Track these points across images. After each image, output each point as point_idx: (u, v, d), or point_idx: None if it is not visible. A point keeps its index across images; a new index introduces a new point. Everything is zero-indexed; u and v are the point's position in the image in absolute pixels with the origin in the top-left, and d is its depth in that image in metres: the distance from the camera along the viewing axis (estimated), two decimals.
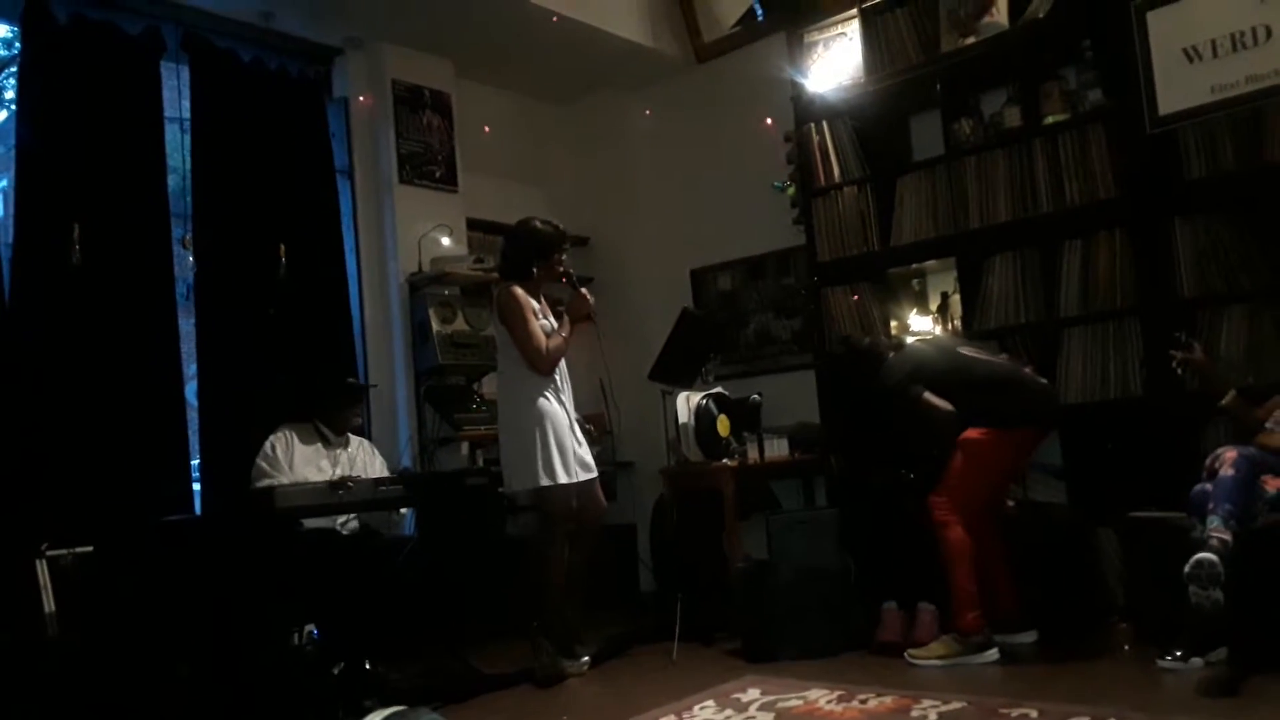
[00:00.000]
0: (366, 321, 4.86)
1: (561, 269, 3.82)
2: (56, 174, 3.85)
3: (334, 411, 3.93)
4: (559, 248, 3.81)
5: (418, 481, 3.92)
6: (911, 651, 3.45)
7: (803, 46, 4.72)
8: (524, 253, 3.78)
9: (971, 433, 3.47)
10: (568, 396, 3.77)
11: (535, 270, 3.75)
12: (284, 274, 4.34)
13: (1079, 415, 3.87)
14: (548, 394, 3.67)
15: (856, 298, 4.46)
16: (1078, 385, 3.89)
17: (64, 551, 3.29)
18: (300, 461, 3.78)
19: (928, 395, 3.52)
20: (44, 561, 3.23)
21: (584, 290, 3.76)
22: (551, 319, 3.80)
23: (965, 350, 3.67)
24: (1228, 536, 2.80)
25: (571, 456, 3.66)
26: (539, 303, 3.79)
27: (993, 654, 3.34)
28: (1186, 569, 2.74)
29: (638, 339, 5.03)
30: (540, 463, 3.57)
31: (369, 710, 1.87)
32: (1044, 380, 3.63)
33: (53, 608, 3.20)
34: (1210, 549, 2.76)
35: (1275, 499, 2.96)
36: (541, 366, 3.64)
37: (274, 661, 3.27)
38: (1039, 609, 3.58)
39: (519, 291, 3.67)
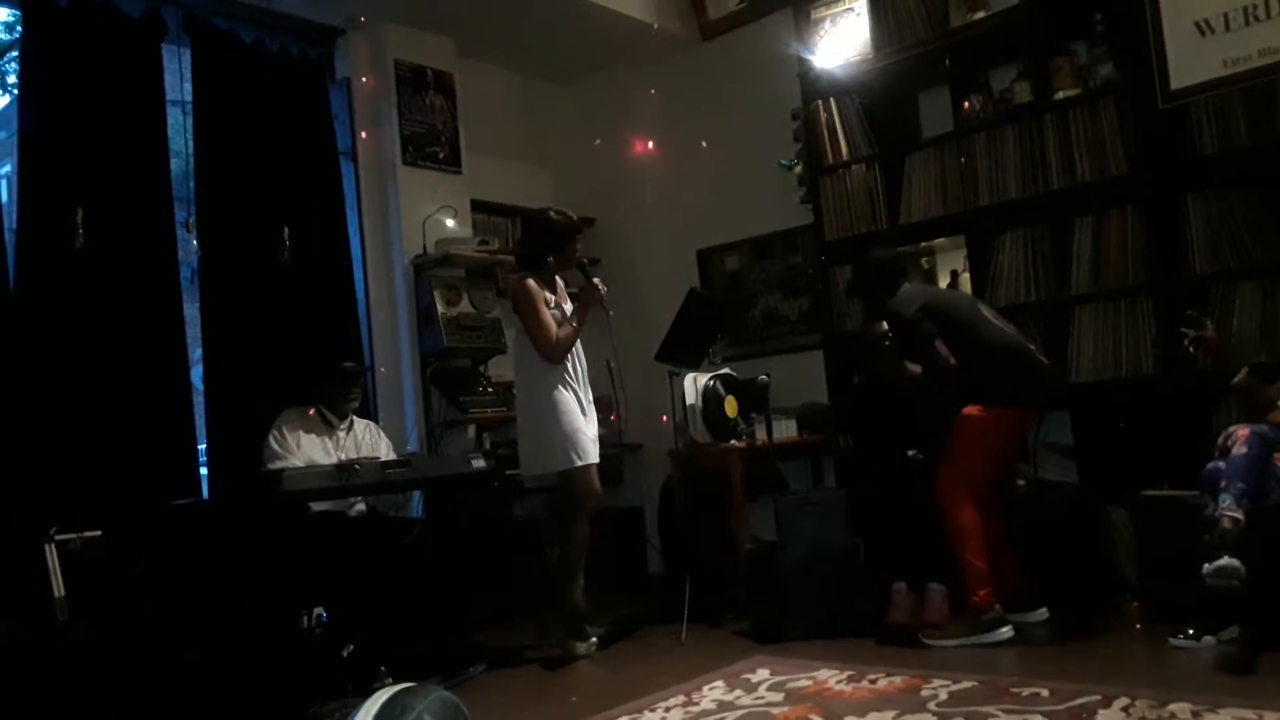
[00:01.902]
0: (371, 304, 4.85)
1: (576, 259, 3.83)
2: (59, 158, 3.83)
3: (333, 396, 3.93)
4: (573, 238, 3.81)
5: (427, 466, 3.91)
6: (926, 632, 3.44)
7: (810, 23, 4.68)
8: (538, 243, 3.83)
9: (971, 410, 3.43)
10: (582, 383, 3.79)
11: (549, 260, 3.78)
12: (288, 257, 4.31)
13: (1090, 394, 3.85)
14: (563, 381, 3.71)
15: None
16: (1089, 363, 3.86)
17: (72, 536, 3.29)
18: (306, 445, 3.79)
19: (939, 343, 3.43)
20: (53, 546, 3.22)
21: (596, 280, 3.75)
22: (566, 305, 3.80)
23: (984, 309, 3.61)
24: (1240, 515, 2.79)
25: (587, 439, 3.70)
26: (554, 291, 3.83)
27: (1007, 631, 3.32)
28: (1208, 570, 2.72)
29: (644, 320, 5.00)
30: (567, 445, 3.63)
31: (374, 692, 1.85)
32: (1048, 360, 3.59)
33: (62, 592, 3.20)
34: (1224, 533, 2.75)
35: None
36: (552, 355, 3.68)
37: (283, 644, 3.28)
38: (1050, 588, 3.56)
39: (530, 283, 3.71)
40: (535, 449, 3.72)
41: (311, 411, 3.90)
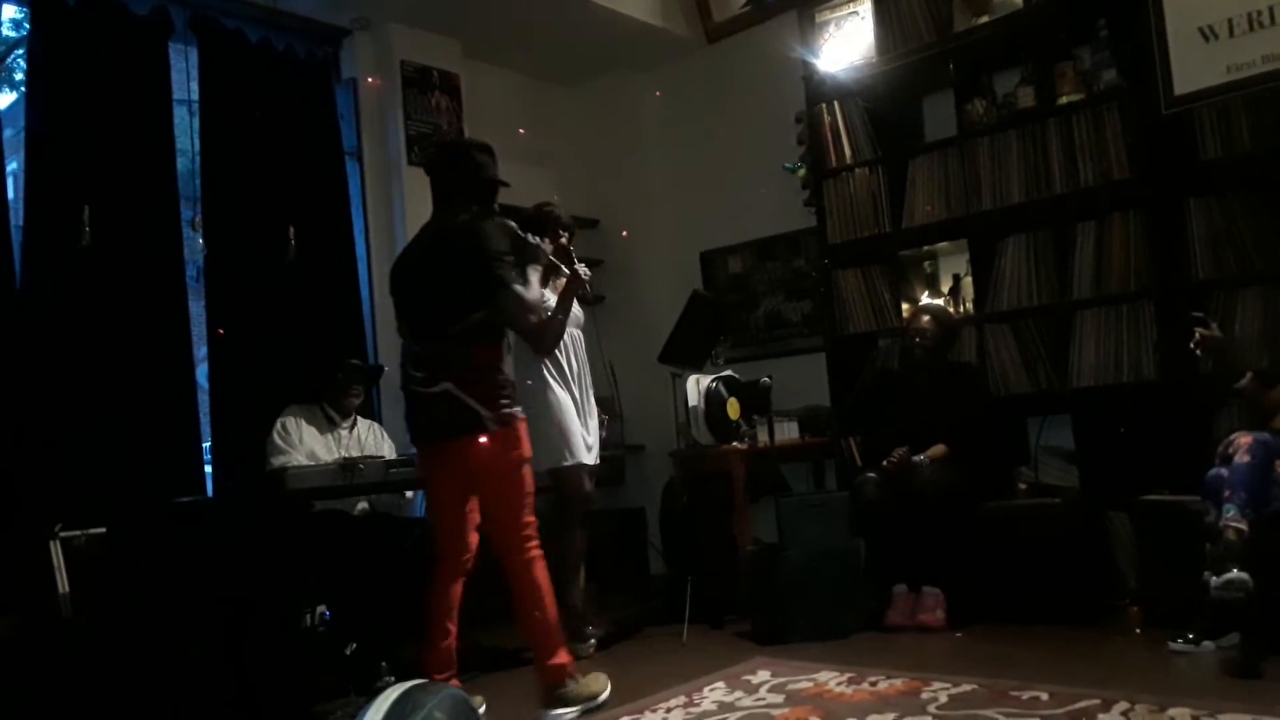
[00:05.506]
0: (376, 303, 4.85)
1: (554, 252, 3.75)
2: (66, 156, 3.84)
3: (336, 392, 3.95)
4: (553, 231, 3.74)
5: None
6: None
7: (814, 26, 4.69)
8: None
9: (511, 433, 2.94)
10: (578, 381, 3.77)
11: None
12: (293, 256, 4.33)
13: (1091, 398, 3.86)
14: (556, 379, 3.68)
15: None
16: (1091, 368, 3.87)
17: (77, 533, 3.31)
18: (309, 439, 3.81)
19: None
20: (58, 543, 3.24)
21: (579, 266, 3.63)
22: (551, 299, 3.73)
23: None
24: (1244, 526, 2.79)
25: (580, 439, 3.68)
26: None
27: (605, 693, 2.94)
28: (1216, 583, 2.73)
29: (647, 322, 5.02)
30: (559, 443, 3.61)
31: (381, 690, 1.86)
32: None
33: (66, 589, 3.21)
34: (1228, 543, 2.76)
35: None
36: (539, 346, 3.51)
37: (286, 642, 3.29)
38: (1051, 592, 3.56)
39: None
40: (532, 446, 3.67)
41: (315, 409, 3.92)
